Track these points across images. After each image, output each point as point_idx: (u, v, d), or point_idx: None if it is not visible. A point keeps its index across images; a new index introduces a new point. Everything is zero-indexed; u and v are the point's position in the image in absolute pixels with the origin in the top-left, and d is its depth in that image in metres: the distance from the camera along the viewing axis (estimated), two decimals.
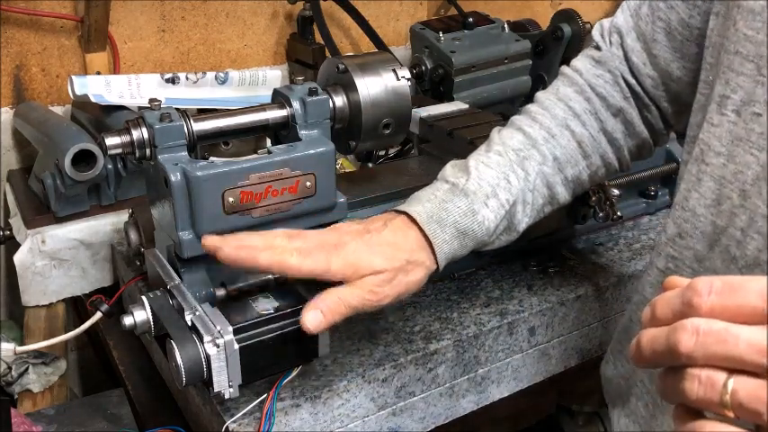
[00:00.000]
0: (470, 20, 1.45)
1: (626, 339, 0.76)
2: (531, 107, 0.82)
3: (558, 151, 0.78)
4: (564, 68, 0.84)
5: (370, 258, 0.67)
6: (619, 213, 0.94)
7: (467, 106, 1.16)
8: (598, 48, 0.81)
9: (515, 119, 0.82)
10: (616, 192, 0.94)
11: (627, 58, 0.78)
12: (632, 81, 0.79)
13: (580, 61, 0.83)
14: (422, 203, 0.73)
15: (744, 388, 0.38)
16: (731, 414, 0.39)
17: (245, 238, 0.67)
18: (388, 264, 0.68)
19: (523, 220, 0.76)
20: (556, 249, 1.00)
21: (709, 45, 0.64)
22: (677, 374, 0.41)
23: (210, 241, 0.66)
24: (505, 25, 1.48)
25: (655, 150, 0.87)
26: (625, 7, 0.79)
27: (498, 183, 0.75)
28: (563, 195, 0.79)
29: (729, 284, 0.40)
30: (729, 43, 0.59)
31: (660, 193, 1.11)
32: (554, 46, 1.50)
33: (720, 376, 0.39)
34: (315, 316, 0.64)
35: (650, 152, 0.86)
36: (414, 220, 0.72)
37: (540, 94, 0.83)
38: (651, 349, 0.42)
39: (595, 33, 0.82)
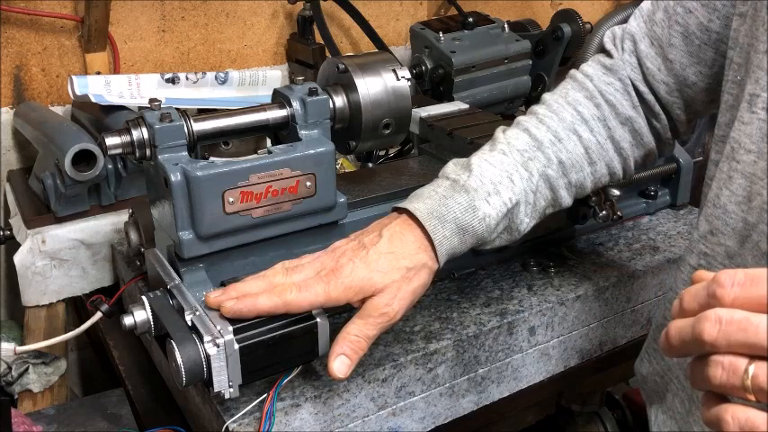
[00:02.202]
0: (470, 20, 1.45)
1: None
2: (538, 108, 0.81)
3: (564, 155, 0.78)
4: (573, 72, 0.84)
5: (370, 276, 0.68)
6: (619, 213, 0.94)
7: (467, 106, 1.16)
8: (609, 55, 0.81)
9: (521, 119, 0.81)
10: (616, 192, 0.93)
11: (640, 65, 0.78)
12: (644, 89, 0.79)
13: (591, 67, 0.82)
14: (422, 200, 0.73)
15: (764, 373, 0.41)
16: (752, 398, 0.41)
17: (244, 286, 0.69)
18: (387, 278, 0.68)
19: (524, 221, 0.76)
20: (556, 249, 1.00)
21: (736, 46, 0.64)
22: (703, 362, 0.44)
23: (212, 301, 0.68)
24: (505, 25, 1.49)
25: (657, 159, 0.87)
26: (638, 14, 0.79)
27: (501, 181, 0.75)
28: (565, 199, 0.79)
29: (751, 276, 0.43)
30: (759, 43, 0.60)
31: (660, 193, 1.11)
32: (554, 46, 1.50)
33: (742, 362, 0.42)
34: (342, 362, 0.66)
35: (654, 161, 0.86)
36: (414, 218, 0.72)
37: (547, 96, 0.82)
38: (679, 339, 0.45)
39: (607, 41, 0.82)
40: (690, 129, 0.84)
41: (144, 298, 0.72)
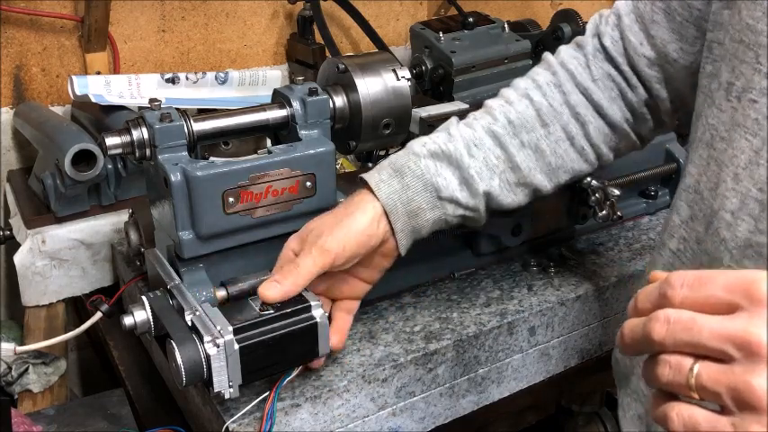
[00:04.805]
0: (470, 20, 1.45)
1: None
2: (503, 89, 0.83)
3: (513, 115, 0.78)
4: (546, 53, 0.85)
5: (309, 222, 0.74)
6: (619, 213, 0.94)
7: (467, 106, 1.16)
8: (585, 33, 0.83)
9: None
10: (616, 192, 0.93)
11: (623, 37, 0.79)
12: (621, 60, 0.79)
13: (564, 46, 0.84)
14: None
15: (706, 372, 0.42)
16: (696, 396, 0.43)
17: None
18: (317, 219, 0.73)
19: (479, 176, 0.75)
20: (556, 249, 1.00)
21: (715, 28, 0.65)
22: (653, 360, 0.45)
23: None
24: (505, 25, 1.48)
25: (639, 144, 0.85)
26: None
27: (438, 135, 0.77)
28: (523, 162, 0.78)
29: (699, 278, 0.44)
30: (735, 31, 0.61)
31: (660, 193, 1.11)
32: (554, 46, 1.49)
33: (687, 361, 0.43)
34: (271, 285, 0.68)
35: (629, 141, 0.83)
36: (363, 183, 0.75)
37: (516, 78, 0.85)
38: (631, 337, 0.47)
39: (590, 20, 0.83)
40: (674, 111, 0.82)
41: (144, 298, 0.72)
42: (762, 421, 0.40)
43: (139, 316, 0.72)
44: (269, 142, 0.92)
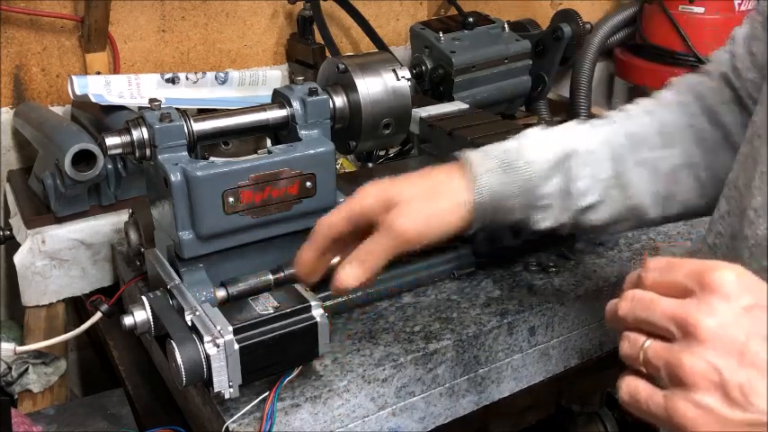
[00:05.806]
0: (470, 20, 1.45)
1: None
2: (626, 104, 0.79)
3: (634, 129, 0.73)
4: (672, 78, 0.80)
5: (392, 182, 0.66)
6: None
7: (467, 106, 1.16)
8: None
9: None
10: None
11: (733, 63, 0.73)
12: (738, 85, 0.72)
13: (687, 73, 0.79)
14: None
15: (653, 348, 0.46)
16: (644, 370, 0.47)
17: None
18: (407, 190, 0.65)
19: (582, 187, 0.70)
20: (556, 249, 1.00)
21: None
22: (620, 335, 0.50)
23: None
24: (505, 25, 1.49)
25: None
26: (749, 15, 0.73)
27: (553, 132, 0.73)
28: (636, 183, 0.71)
29: (669, 264, 0.48)
30: None
31: None
32: (554, 46, 1.50)
33: (641, 338, 0.47)
34: (350, 269, 0.63)
35: None
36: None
37: None
38: (608, 316, 0.52)
39: (720, 48, 0.76)
40: None
41: (144, 298, 0.72)
42: (688, 397, 0.44)
43: (139, 316, 0.72)
44: (269, 142, 0.92)
